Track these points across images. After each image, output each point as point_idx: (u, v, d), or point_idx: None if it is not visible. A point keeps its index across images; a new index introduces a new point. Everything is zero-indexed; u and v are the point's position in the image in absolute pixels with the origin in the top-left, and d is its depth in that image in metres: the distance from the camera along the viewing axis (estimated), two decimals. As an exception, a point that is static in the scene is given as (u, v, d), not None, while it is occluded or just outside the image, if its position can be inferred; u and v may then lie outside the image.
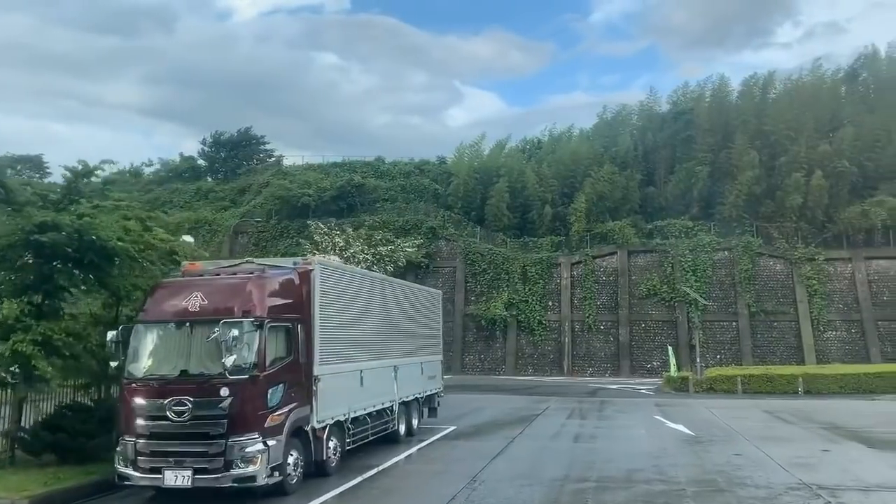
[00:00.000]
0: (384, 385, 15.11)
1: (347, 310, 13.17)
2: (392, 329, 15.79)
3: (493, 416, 21.36)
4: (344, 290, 13.04)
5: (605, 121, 57.74)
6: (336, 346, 12.57)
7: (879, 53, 53.50)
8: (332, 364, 12.36)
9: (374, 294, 14.70)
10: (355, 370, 13.47)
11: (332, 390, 12.27)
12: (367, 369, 14.00)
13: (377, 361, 14.68)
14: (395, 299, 16.26)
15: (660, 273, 45.84)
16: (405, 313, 16.87)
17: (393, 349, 15.76)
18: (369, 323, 14.33)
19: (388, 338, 15.50)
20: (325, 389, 11.94)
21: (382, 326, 15.11)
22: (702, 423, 19.35)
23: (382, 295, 15.32)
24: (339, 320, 12.75)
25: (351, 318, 13.32)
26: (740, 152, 48.03)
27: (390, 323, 15.71)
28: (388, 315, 15.62)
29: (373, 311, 14.55)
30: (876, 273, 44.13)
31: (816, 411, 22.28)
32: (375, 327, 14.67)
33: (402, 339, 16.48)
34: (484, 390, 32.10)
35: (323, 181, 56.38)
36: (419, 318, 18.06)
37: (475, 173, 54.76)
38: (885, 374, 28.76)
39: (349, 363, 13.19)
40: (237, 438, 10.08)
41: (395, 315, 16.13)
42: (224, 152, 71.58)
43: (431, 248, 49.75)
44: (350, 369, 13.22)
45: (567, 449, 15.40)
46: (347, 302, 13.19)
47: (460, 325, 47.85)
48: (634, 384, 35.79)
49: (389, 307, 15.71)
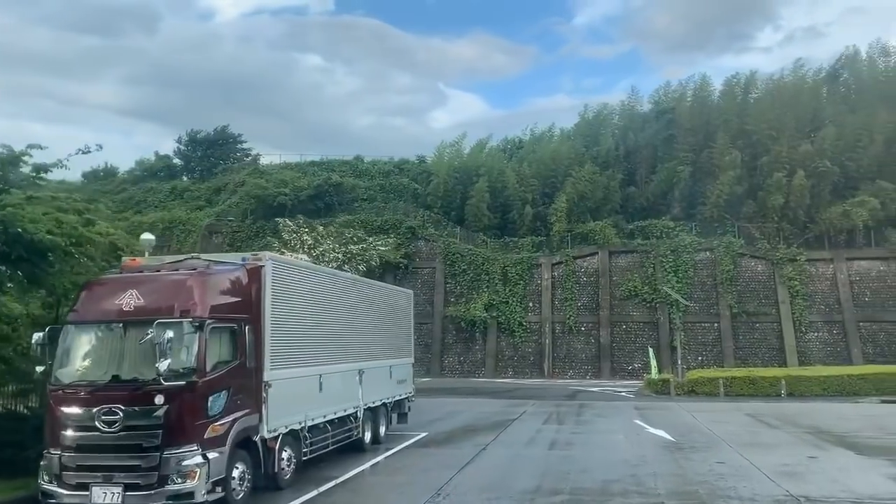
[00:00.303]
0: (347, 390, 14.20)
1: (304, 310, 12.23)
2: (357, 330, 14.87)
3: (467, 422, 20.50)
4: (299, 289, 12.11)
5: (586, 120, 57.13)
6: (290, 349, 11.64)
7: (860, 54, 53.43)
8: (286, 368, 11.42)
9: (335, 293, 13.77)
10: (313, 375, 12.54)
11: (286, 397, 11.34)
12: (328, 374, 13.08)
13: (339, 365, 13.77)
14: (361, 299, 15.34)
15: (641, 274, 45.27)
16: (372, 314, 15.97)
17: (358, 352, 14.84)
18: (330, 324, 13.41)
19: (353, 340, 14.59)
20: (278, 396, 11.01)
21: (346, 328, 14.20)
22: (683, 428, 18.61)
23: (346, 294, 14.40)
24: (294, 321, 11.82)
25: (308, 318, 12.39)
26: (722, 152, 47.61)
27: (355, 324, 14.79)
28: (353, 316, 14.70)
29: (334, 311, 13.63)
30: (857, 274, 43.83)
31: (800, 415, 21.64)
32: (337, 329, 13.75)
33: (369, 341, 15.58)
34: (461, 394, 31.23)
35: (300, 180, 55.32)
36: (388, 318, 17.17)
37: (455, 173, 53.96)
38: (868, 376, 28.26)
39: (306, 367, 12.26)
40: (173, 451, 9.12)
41: (361, 316, 15.22)
42: (200, 151, 70.33)
43: (410, 249, 48.93)
44: (307, 374, 12.29)
45: (541, 457, 14.56)
46: (304, 301, 12.25)
47: (439, 326, 47.02)
48: (615, 387, 35.11)
49: (354, 307, 14.79)
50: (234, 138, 71.20)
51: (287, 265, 11.87)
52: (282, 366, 11.25)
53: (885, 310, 42.50)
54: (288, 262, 12.05)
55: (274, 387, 10.93)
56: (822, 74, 53.65)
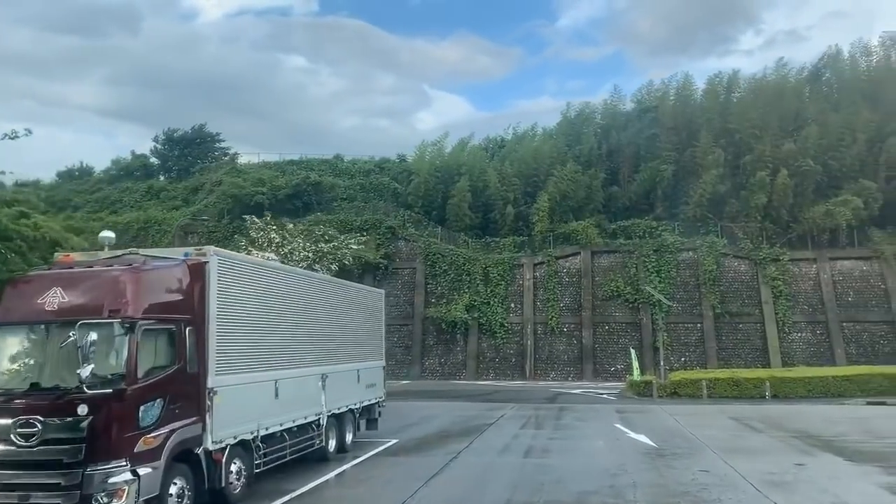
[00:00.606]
0: (308, 396, 13.28)
1: (256, 310, 11.30)
2: (319, 332, 13.96)
3: (441, 427, 19.62)
4: (250, 287, 11.18)
5: (568, 119, 56.48)
6: (240, 353, 10.71)
7: (842, 53, 53.22)
8: (235, 373, 10.50)
9: (293, 292, 12.85)
10: (268, 380, 11.62)
11: (235, 404, 10.42)
12: (285, 379, 12.16)
13: (299, 369, 12.85)
14: (324, 299, 14.43)
15: (623, 274, 44.67)
16: (338, 315, 15.07)
17: (320, 355, 13.94)
18: (287, 325, 12.49)
19: (314, 342, 13.67)
20: (225, 403, 10.08)
21: (306, 329, 13.28)
22: (665, 433, 17.86)
23: (306, 294, 13.47)
24: (244, 322, 10.89)
25: (261, 319, 11.46)
26: (705, 151, 47.14)
27: (317, 325, 13.88)
28: (315, 316, 13.79)
29: (292, 311, 12.71)
30: (840, 274, 43.49)
31: (786, 418, 20.98)
32: (296, 330, 12.83)
33: (333, 344, 14.67)
34: (440, 396, 30.36)
35: (278, 179, 54.29)
36: (357, 319, 16.27)
37: (436, 172, 53.13)
38: (853, 377, 27.73)
39: (259, 372, 11.34)
40: (98, 467, 8.18)
41: (324, 316, 14.31)
42: (177, 150, 69.06)
43: (390, 249, 48.08)
44: (260, 379, 11.37)
45: (516, 466, 13.72)
46: (255, 301, 11.32)
47: (420, 328, 46.15)
48: (597, 388, 34.41)
49: (316, 307, 13.88)
50: (211, 137, 69.92)
51: (235, 261, 10.92)
52: (229, 371, 10.33)
53: (868, 310, 42.19)
54: (236, 258, 11.09)
55: (220, 394, 10.01)
56: (804, 74, 53.40)
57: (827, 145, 45.67)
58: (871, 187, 44.06)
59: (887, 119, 46.21)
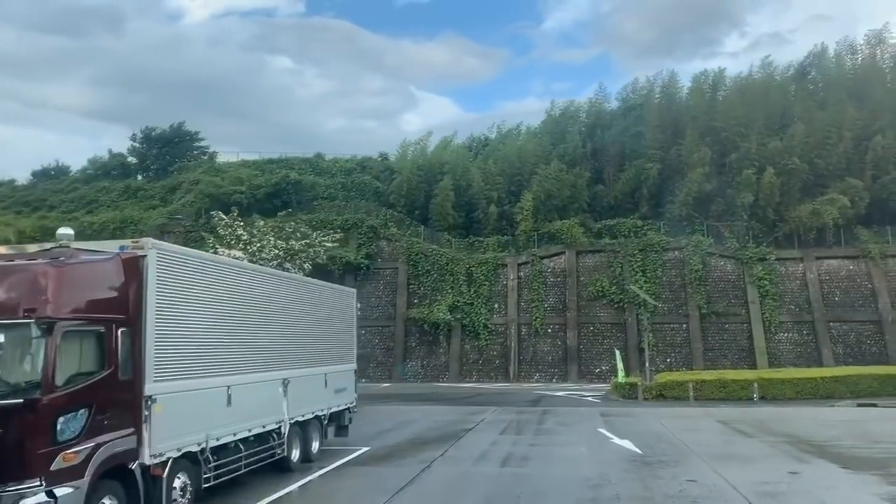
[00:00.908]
0: (267, 403, 12.31)
1: (204, 309, 10.32)
2: (281, 334, 13.00)
3: (417, 433, 18.68)
4: (198, 284, 10.19)
5: (553, 118, 55.77)
6: (184, 357, 9.73)
7: (828, 52, 52.88)
8: (178, 379, 9.52)
9: (249, 291, 11.87)
10: (218, 386, 10.63)
11: (179, 413, 9.45)
12: (240, 384, 11.18)
13: (256, 374, 11.88)
14: (287, 298, 13.46)
15: (608, 274, 43.96)
16: (302, 315, 14.10)
17: (282, 358, 12.97)
18: (242, 327, 11.51)
19: (275, 345, 12.71)
20: (166, 413, 9.11)
21: (264, 331, 12.31)
22: (651, 439, 17.03)
23: (266, 292, 12.51)
24: (190, 323, 9.92)
25: (210, 319, 10.48)
26: (690, 149, 46.53)
27: (279, 326, 12.91)
28: (276, 317, 12.82)
29: (248, 311, 11.73)
30: (827, 273, 43.01)
31: (775, 421, 20.23)
32: (252, 332, 11.85)
33: (297, 346, 13.70)
34: (420, 400, 29.43)
35: (257, 178, 53.25)
36: (324, 320, 15.31)
37: (419, 170, 52.26)
38: (842, 378, 27.07)
39: (209, 377, 10.36)
40: (7, 488, 7.18)
41: (287, 317, 13.34)
42: (156, 149, 67.77)
43: (372, 249, 47.16)
44: (209, 385, 10.39)
45: (491, 477, 12.82)
46: (204, 299, 10.34)
47: (402, 329, 45.23)
48: (581, 390, 33.58)
49: (277, 307, 12.92)
50: (190, 136, 68.74)
51: (179, 255, 9.91)
52: (171, 376, 9.35)
53: (855, 310, 41.73)
54: (179, 252, 10.06)
55: (160, 402, 9.02)
56: (790, 72, 53.00)
57: (813, 143, 45.21)
58: (857, 186, 43.65)
59: (873, 117, 45.87)
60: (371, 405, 26.67)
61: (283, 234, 24.06)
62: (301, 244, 23.11)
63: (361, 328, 46.06)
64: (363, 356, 45.86)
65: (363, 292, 46.85)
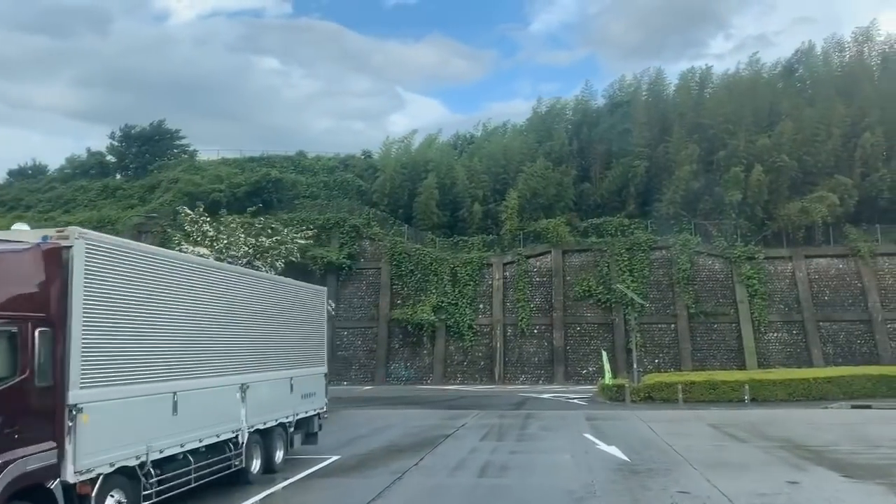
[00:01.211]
0: (222, 410, 11.27)
1: (144, 308, 9.26)
2: (239, 335, 11.96)
3: (392, 440, 17.67)
4: (137, 280, 9.13)
5: (539, 115, 54.93)
6: (118, 360, 8.68)
7: (815, 49, 52.41)
8: (110, 385, 8.47)
9: (201, 288, 10.82)
10: (163, 392, 9.60)
11: (111, 424, 8.42)
12: (188, 390, 10.14)
13: (209, 379, 10.84)
14: (247, 297, 12.42)
15: (595, 273, 43.17)
16: (265, 315, 13.06)
17: (240, 361, 11.93)
18: (192, 327, 10.47)
19: (232, 347, 11.67)
20: (95, 423, 8.08)
21: (220, 332, 11.28)
22: (639, 444, 16.12)
23: (221, 290, 11.46)
24: (126, 323, 8.86)
25: (151, 319, 9.43)
26: (678, 146, 45.85)
27: (236, 327, 11.87)
28: (233, 317, 11.78)
29: (199, 310, 10.69)
30: (816, 272, 42.43)
31: (768, 424, 19.38)
32: (205, 333, 10.82)
33: (259, 349, 12.67)
34: (401, 403, 28.42)
35: (237, 176, 52.04)
36: (290, 321, 14.27)
37: (403, 169, 51.28)
38: (835, 379, 26.31)
39: (149, 382, 9.32)
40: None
41: (246, 317, 12.30)
42: (135, 147, 66.25)
43: (354, 249, 46.17)
44: (151, 391, 9.35)
45: (467, 489, 11.85)
46: (144, 296, 9.28)
47: (385, 330, 44.23)
48: (567, 393, 32.69)
49: (235, 307, 11.88)
50: (171, 134, 67.30)
51: (112, 247, 8.83)
52: (102, 382, 8.30)
53: (845, 309, 41.17)
54: (114, 244, 8.96)
55: (88, 411, 7.98)
56: (777, 69, 52.47)
57: (802, 140, 44.64)
58: (846, 183, 43.10)
59: (862, 114, 45.37)
60: (349, 409, 25.68)
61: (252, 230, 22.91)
62: (271, 241, 21.94)
63: (343, 329, 45.35)
64: (345, 358, 45.04)
65: (345, 293, 45.95)
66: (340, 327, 45.04)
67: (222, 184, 50.27)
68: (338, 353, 44.56)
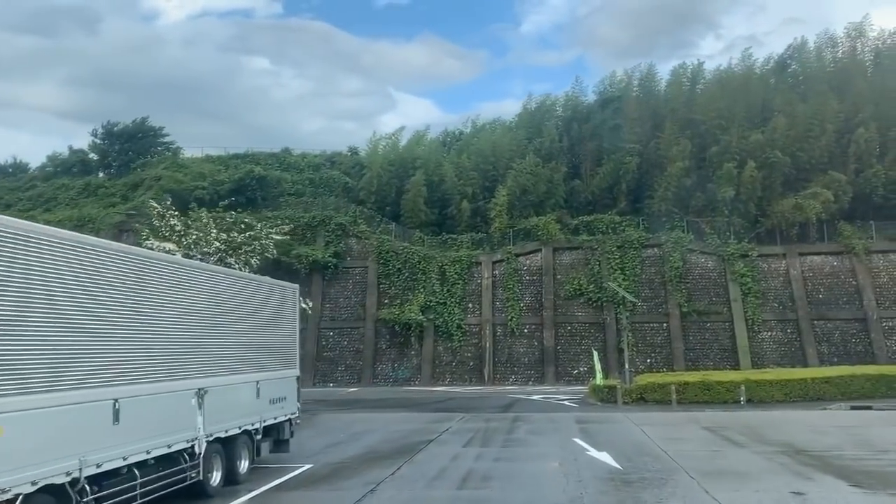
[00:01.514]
0: (175, 418, 10.24)
1: (73, 305, 8.22)
2: (194, 335, 10.94)
3: (370, 446, 16.66)
4: (60, 272, 8.04)
5: (528, 111, 54.01)
6: (40, 364, 7.63)
7: (808, 45, 51.72)
8: (30, 393, 7.43)
9: (147, 283, 9.77)
10: (100, 399, 8.57)
11: (33, 436, 7.40)
12: (133, 397, 9.12)
13: (159, 383, 9.82)
14: (204, 294, 11.39)
15: (586, 272, 42.31)
16: (226, 314, 12.04)
17: (197, 364, 10.91)
18: (137, 326, 9.44)
19: (186, 348, 10.65)
20: (11, 436, 7.05)
21: (170, 332, 10.25)
22: (632, 450, 15.19)
23: (170, 286, 10.42)
24: (48, 322, 7.81)
25: (83, 318, 8.39)
26: (669, 142, 45.04)
27: (190, 327, 10.84)
28: (186, 316, 10.75)
29: (145, 308, 9.66)
30: (810, 270, 41.72)
31: (767, 427, 18.49)
32: (152, 333, 9.79)
33: (218, 350, 11.65)
34: (385, 406, 27.44)
35: (220, 174, 50.91)
36: (255, 320, 13.24)
37: (390, 166, 50.27)
38: (833, 379, 25.46)
39: (82, 388, 8.27)
40: None
41: (204, 316, 11.28)
42: (118, 145, 64.98)
43: (340, 247, 45.15)
44: (86, 398, 8.31)
45: (444, 503, 10.87)
46: (73, 292, 8.22)
47: (372, 330, 43.22)
48: (558, 394, 31.79)
49: (188, 304, 10.85)
50: (154, 131, 66.01)
51: (20, 233, 7.65)
52: (18, 389, 7.27)
53: (840, 307, 40.48)
54: (22, 230, 7.78)
55: (3, 423, 6.96)
56: (770, 65, 51.75)
57: (795, 136, 43.90)
58: (840, 179, 42.39)
59: (855, 109, 44.68)
60: (329, 413, 24.70)
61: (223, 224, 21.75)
62: (244, 237, 20.78)
63: (329, 330, 44.26)
64: (331, 359, 43.95)
65: (331, 292, 44.87)
66: (326, 327, 44.03)
67: (205, 181, 49.17)
68: (324, 354, 43.57)
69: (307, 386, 42.74)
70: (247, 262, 20.32)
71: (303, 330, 42.75)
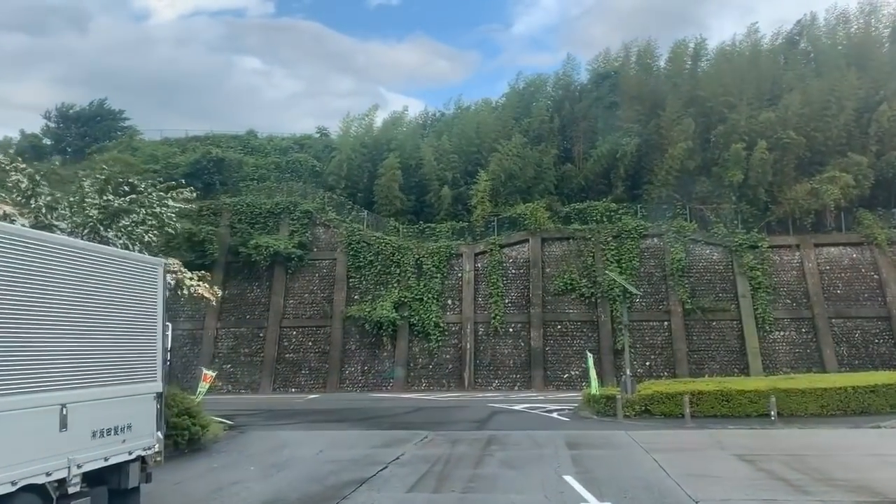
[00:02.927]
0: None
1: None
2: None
3: (278, 490, 11.92)
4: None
5: (516, 91, 49.39)
6: None
7: (818, 21, 47.47)
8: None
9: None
10: None
11: None
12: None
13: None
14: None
15: (578, 264, 37.89)
16: (14, 300, 7.37)
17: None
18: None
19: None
20: None
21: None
22: (641, 492, 10.66)
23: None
24: None
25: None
26: (671, 121, 40.61)
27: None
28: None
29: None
30: (827, 262, 37.45)
31: (819, 456, 13.95)
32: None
33: (14, 358, 6.99)
34: (339, 419, 22.83)
35: (176, 156, 46.23)
36: (77, 310, 8.57)
37: (363, 147, 45.68)
38: (879, 388, 20.74)
39: None
40: None
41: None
42: (74, 129, 60.50)
43: (306, 237, 40.66)
44: None
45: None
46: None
47: (340, 329, 38.68)
48: (546, 402, 27.23)
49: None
50: (113, 114, 61.65)
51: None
52: None
53: (860, 304, 36.25)
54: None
55: None
56: (779, 41, 47.41)
57: (810, 115, 39.57)
58: (860, 162, 38.11)
59: (876, 86, 40.41)
60: (264, 429, 20.03)
61: (96, 185, 16.97)
62: (122, 201, 16.02)
63: (291, 329, 39.40)
64: (293, 362, 39.19)
65: (294, 287, 40.17)
66: (288, 326, 39.44)
67: (158, 164, 44.47)
68: (285, 356, 38.98)
69: (265, 392, 38.20)
70: (140, 240, 15.67)
71: (200, 330, 38.40)
